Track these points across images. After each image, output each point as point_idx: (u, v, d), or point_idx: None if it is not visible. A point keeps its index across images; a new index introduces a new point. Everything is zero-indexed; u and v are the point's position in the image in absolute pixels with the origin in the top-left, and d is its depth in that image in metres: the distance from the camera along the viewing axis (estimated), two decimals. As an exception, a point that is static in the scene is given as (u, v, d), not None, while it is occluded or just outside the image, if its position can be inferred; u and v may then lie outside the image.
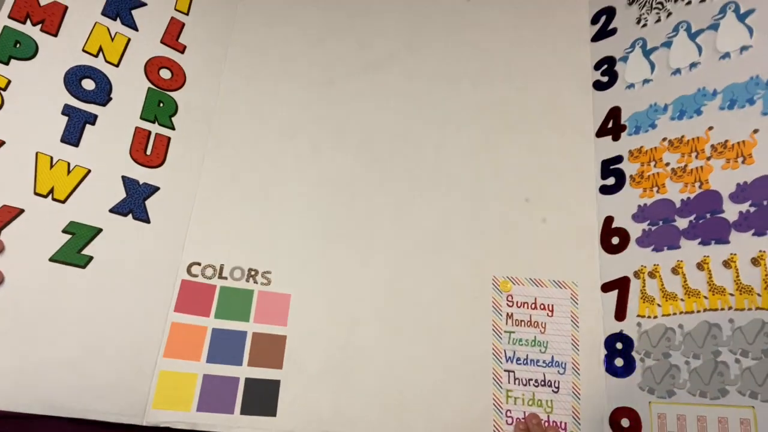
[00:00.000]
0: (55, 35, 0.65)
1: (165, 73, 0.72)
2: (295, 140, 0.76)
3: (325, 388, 0.65)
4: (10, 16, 0.63)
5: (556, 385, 0.69)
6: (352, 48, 0.83)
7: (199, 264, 0.67)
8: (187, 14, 0.76)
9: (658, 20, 0.76)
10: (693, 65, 0.71)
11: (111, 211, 0.64)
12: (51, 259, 0.59)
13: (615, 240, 0.73)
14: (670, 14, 0.75)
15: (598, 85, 0.81)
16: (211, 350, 0.63)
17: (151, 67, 0.71)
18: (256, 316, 0.66)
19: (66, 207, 0.61)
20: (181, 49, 0.75)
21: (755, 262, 0.60)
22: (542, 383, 0.69)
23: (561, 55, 0.85)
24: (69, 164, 0.63)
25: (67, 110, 0.64)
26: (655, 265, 0.68)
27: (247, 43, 0.79)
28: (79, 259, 0.60)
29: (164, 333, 0.62)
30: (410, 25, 0.86)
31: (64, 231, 0.60)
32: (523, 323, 0.72)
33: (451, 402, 0.67)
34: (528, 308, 0.72)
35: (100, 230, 0.62)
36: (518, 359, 0.70)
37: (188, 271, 0.66)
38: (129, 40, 0.71)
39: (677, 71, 0.72)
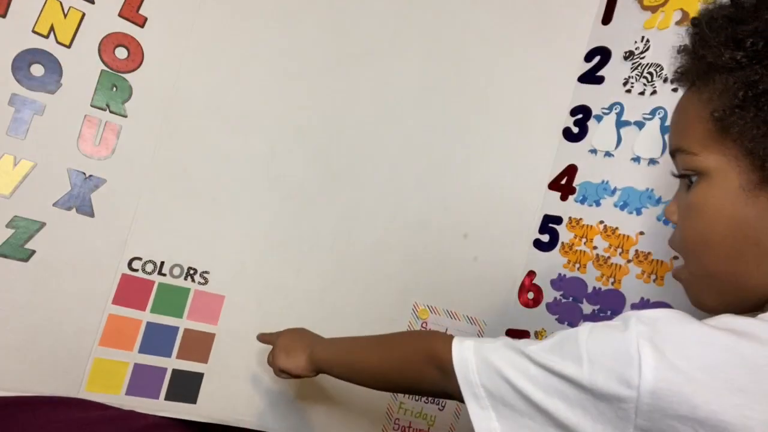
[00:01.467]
0: (4, 16, 0.61)
1: (121, 53, 0.69)
2: (251, 138, 0.76)
3: (243, 384, 0.74)
4: (-50, -6, 0.58)
5: (443, 404, 0.80)
6: (327, 38, 0.78)
7: (140, 259, 0.71)
8: (151, -20, 0.70)
9: (642, 92, 0.73)
10: (652, 161, 0.71)
11: (55, 205, 0.66)
12: (-6, 253, 0.63)
13: (530, 295, 0.79)
14: (654, 92, 0.72)
15: (567, 134, 0.80)
16: (144, 342, 0.71)
17: (106, 46, 0.68)
18: (190, 314, 0.73)
19: (10, 201, 0.63)
20: (141, 23, 0.70)
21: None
22: (431, 401, 0.80)
23: (545, 86, 0.82)
24: (15, 158, 0.63)
25: (14, 100, 0.62)
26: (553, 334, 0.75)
27: (214, 19, 0.74)
28: (21, 253, 0.64)
29: (101, 323, 0.69)
30: (395, 18, 0.80)
31: (8, 225, 0.63)
32: (429, 350, 0.80)
33: (351, 406, 0.78)
34: (437, 337, 0.80)
35: (43, 224, 0.65)
36: (417, 379, 0.80)
37: (129, 265, 0.71)
38: (83, 15, 0.66)
39: (637, 159, 0.72)
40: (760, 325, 0.36)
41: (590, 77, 0.79)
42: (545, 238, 0.79)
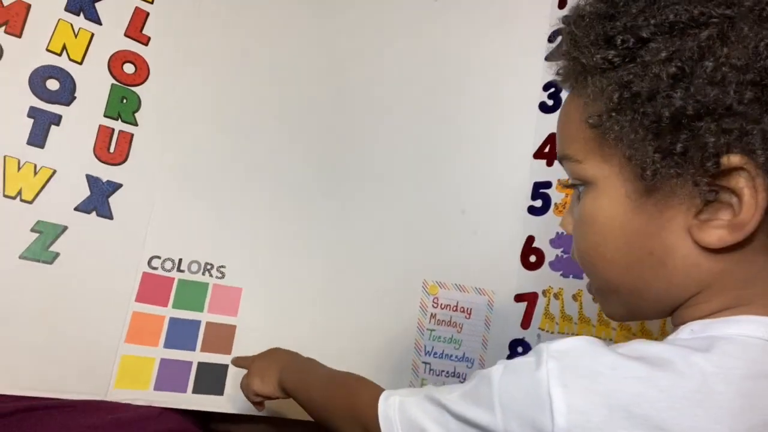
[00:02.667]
0: (20, 36, 0.66)
1: (129, 68, 0.74)
2: (252, 139, 0.81)
3: (266, 372, 0.76)
4: (-27, 19, 0.64)
5: (464, 377, 0.82)
6: (314, 45, 0.85)
7: (159, 257, 0.74)
8: (151, 3, 0.77)
9: (605, 58, 0.81)
10: (624, 113, 0.77)
11: (76, 209, 0.69)
12: (21, 257, 0.65)
13: (532, 258, 0.83)
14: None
15: (543, 107, 0.87)
16: (169, 337, 0.72)
17: (115, 62, 0.73)
18: (210, 307, 0.75)
19: (33, 207, 0.66)
20: (145, 41, 0.76)
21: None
22: (452, 374, 0.82)
23: (515, 69, 0.89)
24: (35, 166, 0.67)
25: (33, 112, 0.67)
26: (560, 288, 0.79)
27: (210, 34, 0.80)
28: (46, 255, 0.67)
29: (126, 321, 0.71)
30: (373, 24, 0.88)
31: (32, 230, 0.66)
32: (443, 323, 0.83)
33: (373, 387, 0.79)
34: (450, 310, 0.83)
35: (65, 228, 0.68)
36: (435, 353, 0.82)
37: (149, 264, 0.73)
38: (93, 35, 0.72)
39: (611, 114, 0.78)
40: (674, 351, 0.33)
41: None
42: (538, 203, 0.84)
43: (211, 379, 0.73)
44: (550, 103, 0.86)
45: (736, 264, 0.35)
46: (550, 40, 0.88)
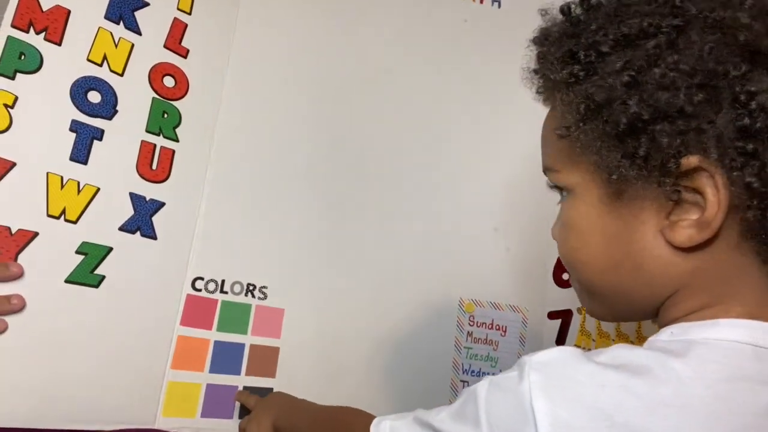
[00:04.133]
0: (59, 44, 0.62)
1: (169, 81, 0.71)
2: (291, 156, 0.79)
3: (311, 395, 0.74)
4: (13, 25, 0.59)
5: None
6: (349, 60, 0.84)
7: (202, 279, 0.71)
8: (189, 14, 0.74)
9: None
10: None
11: (120, 229, 0.66)
12: (66, 281, 0.61)
13: (565, 276, 0.85)
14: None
15: (573, 128, 0.89)
16: (214, 361, 0.70)
17: (155, 75, 0.70)
18: (254, 329, 0.73)
19: (78, 227, 0.63)
20: (184, 54, 0.73)
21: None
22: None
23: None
24: (79, 183, 0.63)
25: (75, 126, 0.63)
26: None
27: (248, 47, 0.78)
28: (92, 279, 0.63)
29: (171, 346, 0.68)
30: (407, 40, 0.87)
31: (77, 252, 0.62)
32: (480, 341, 0.84)
33: (414, 407, 0.79)
34: (486, 328, 0.84)
35: (110, 249, 0.65)
36: (473, 371, 0.83)
37: (192, 285, 0.70)
38: (133, 45, 0.68)
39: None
40: (652, 357, 0.34)
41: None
42: (569, 221, 0.86)
43: (257, 403, 0.71)
44: (579, 123, 0.88)
45: (709, 262, 0.36)
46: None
